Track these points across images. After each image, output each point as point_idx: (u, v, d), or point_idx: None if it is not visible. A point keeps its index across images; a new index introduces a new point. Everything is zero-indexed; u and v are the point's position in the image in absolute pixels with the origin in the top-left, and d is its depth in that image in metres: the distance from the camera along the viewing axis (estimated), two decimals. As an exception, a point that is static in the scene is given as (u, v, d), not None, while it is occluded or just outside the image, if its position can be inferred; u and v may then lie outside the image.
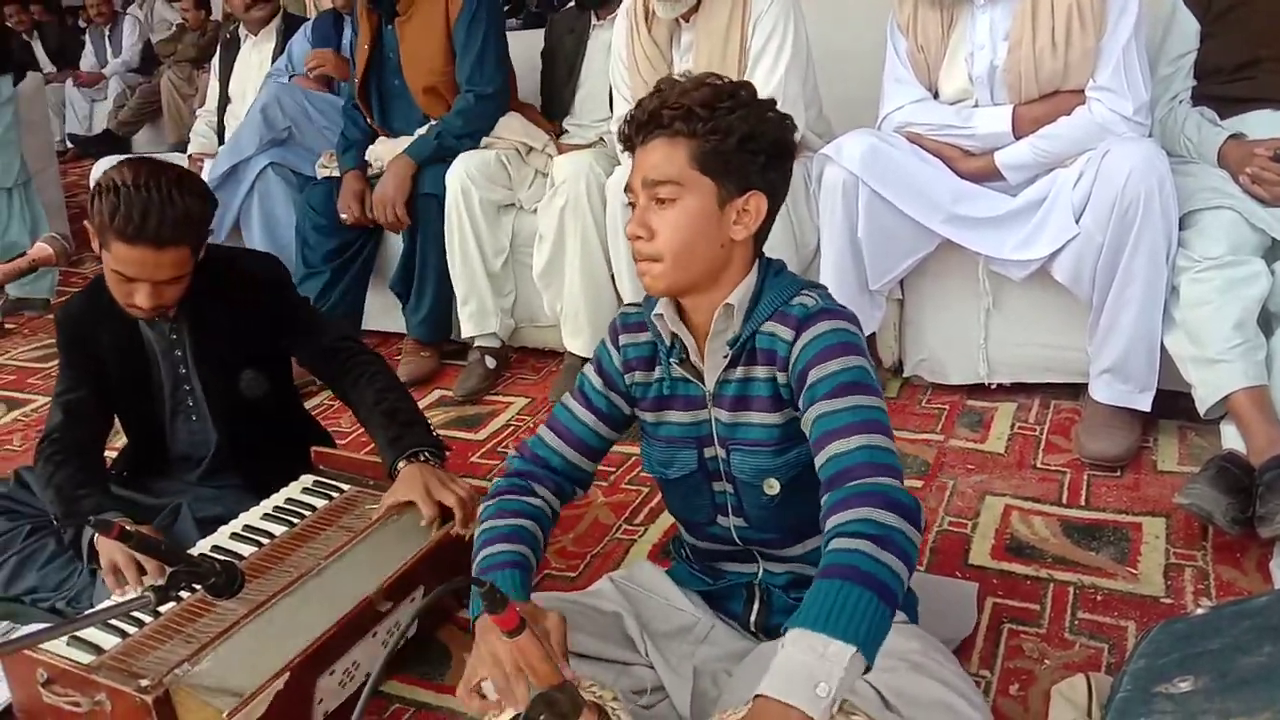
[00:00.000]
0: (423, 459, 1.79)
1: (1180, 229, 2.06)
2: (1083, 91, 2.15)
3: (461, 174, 2.82)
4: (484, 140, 2.95)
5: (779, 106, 2.38)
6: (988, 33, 2.20)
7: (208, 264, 1.85)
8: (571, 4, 3.16)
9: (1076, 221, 2.10)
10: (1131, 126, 2.11)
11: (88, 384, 1.91)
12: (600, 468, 2.26)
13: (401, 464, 1.79)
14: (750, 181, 1.28)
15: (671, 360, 1.37)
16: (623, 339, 1.43)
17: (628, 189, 1.32)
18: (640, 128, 1.29)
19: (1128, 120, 2.11)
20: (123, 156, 3.92)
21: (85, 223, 1.76)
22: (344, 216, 3.02)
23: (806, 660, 0.97)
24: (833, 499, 1.13)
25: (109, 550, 1.66)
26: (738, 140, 1.25)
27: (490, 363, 2.93)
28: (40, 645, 1.45)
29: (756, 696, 0.98)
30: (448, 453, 1.90)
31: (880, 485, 1.11)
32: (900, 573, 1.05)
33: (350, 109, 3.18)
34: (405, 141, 3.00)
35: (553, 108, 3.17)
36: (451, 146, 2.91)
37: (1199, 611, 1.41)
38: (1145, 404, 2.15)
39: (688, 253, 1.27)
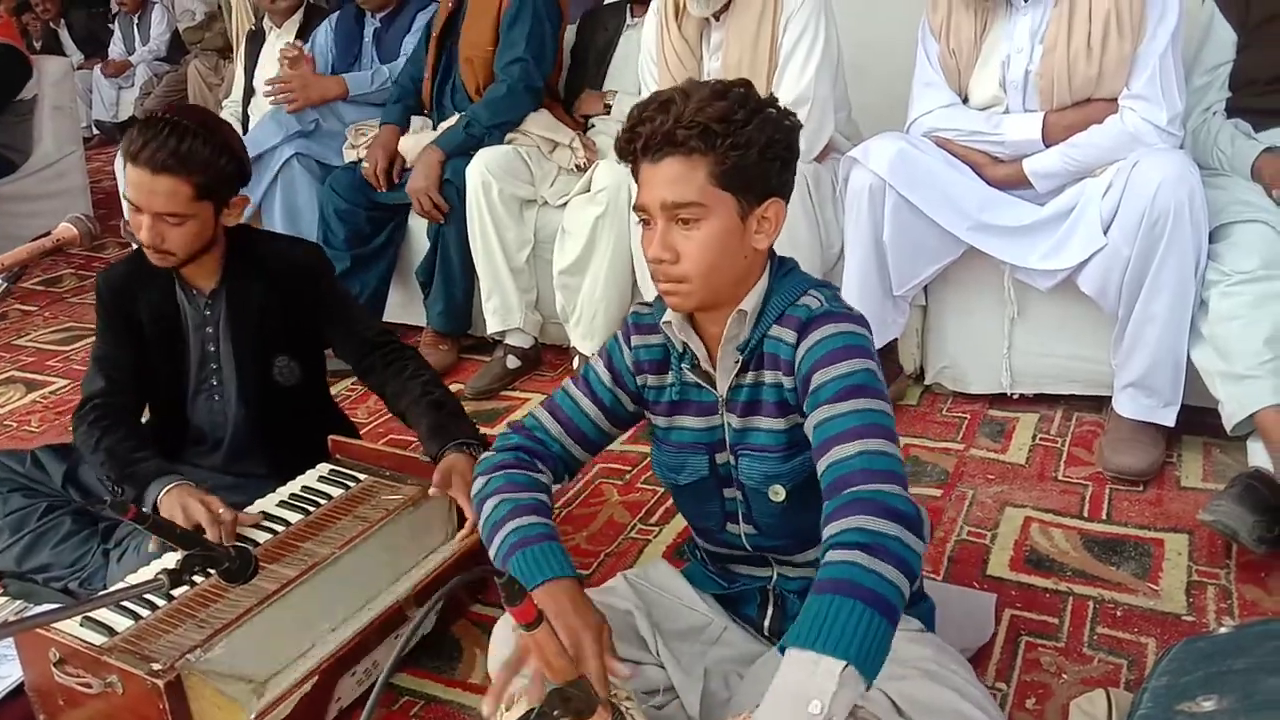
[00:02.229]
0: (466, 450, 1.80)
1: (1211, 242, 2.04)
2: (1116, 100, 2.13)
3: (481, 168, 2.82)
4: (508, 134, 2.95)
5: (809, 108, 2.39)
6: (1027, 36, 2.17)
7: (248, 246, 1.90)
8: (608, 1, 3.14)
9: (1105, 233, 2.08)
10: (1163, 136, 2.08)
11: (127, 347, 1.92)
12: (615, 467, 2.30)
13: (449, 450, 1.79)
14: (770, 189, 1.24)
15: (684, 366, 1.36)
16: (635, 339, 1.41)
17: (639, 208, 1.27)
18: (649, 146, 1.22)
19: (1160, 130, 2.08)
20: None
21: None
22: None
23: (798, 678, 0.95)
24: (829, 508, 1.11)
25: (174, 506, 1.69)
26: (758, 152, 1.20)
27: (512, 363, 2.91)
28: (53, 625, 1.45)
29: None
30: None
31: (876, 492, 1.09)
32: (896, 581, 1.01)
33: (403, 78, 3.23)
34: (430, 136, 3.01)
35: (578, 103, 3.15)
36: (479, 136, 2.91)
37: (1222, 630, 1.39)
38: (1169, 419, 2.12)
39: (715, 272, 1.23)
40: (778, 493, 1.32)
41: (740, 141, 1.19)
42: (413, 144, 3.05)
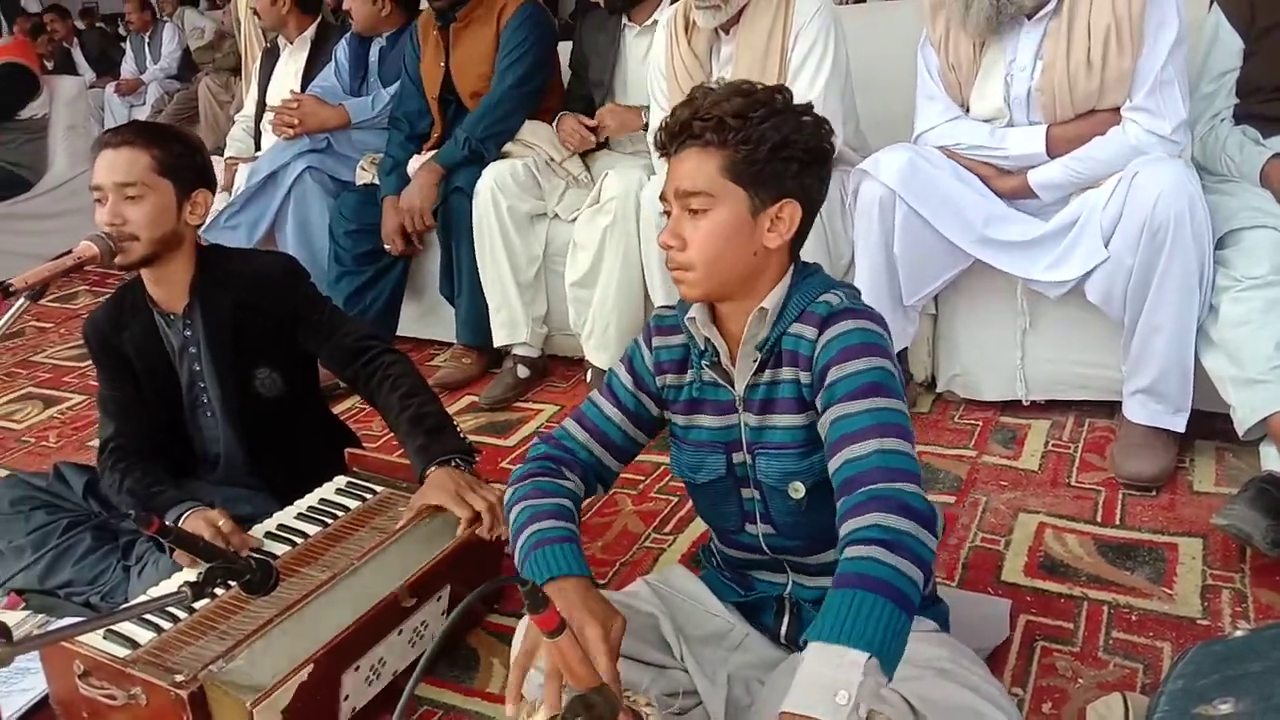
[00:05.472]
0: (453, 465, 1.80)
1: (1221, 248, 2.04)
2: (1118, 110, 2.13)
3: (491, 183, 2.83)
4: (509, 147, 2.96)
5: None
6: (1029, 53, 2.17)
7: (221, 262, 1.91)
8: (598, 5, 3.09)
9: (1106, 245, 2.07)
10: (1166, 146, 2.08)
11: (125, 384, 1.94)
12: (629, 476, 2.31)
13: (433, 469, 1.79)
14: (784, 189, 1.27)
15: (703, 363, 1.37)
16: (656, 340, 1.43)
17: (662, 197, 1.33)
18: (673, 137, 1.29)
19: (1163, 140, 2.07)
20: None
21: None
22: (388, 248, 3.04)
23: (824, 671, 0.98)
24: (845, 505, 1.13)
25: (197, 529, 1.71)
26: (769, 149, 1.24)
27: (522, 372, 2.93)
28: (77, 638, 1.47)
29: (781, 714, 0.98)
30: (478, 456, 1.90)
31: (892, 490, 1.11)
32: (914, 577, 1.04)
33: (396, 127, 3.19)
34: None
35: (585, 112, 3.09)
36: (478, 150, 2.92)
37: (1237, 633, 1.39)
38: (1179, 425, 2.12)
39: (719, 261, 1.27)
40: (797, 489, 1.33)
41: (752, 136, 1.24)
42: (417, 165, 3.07)
